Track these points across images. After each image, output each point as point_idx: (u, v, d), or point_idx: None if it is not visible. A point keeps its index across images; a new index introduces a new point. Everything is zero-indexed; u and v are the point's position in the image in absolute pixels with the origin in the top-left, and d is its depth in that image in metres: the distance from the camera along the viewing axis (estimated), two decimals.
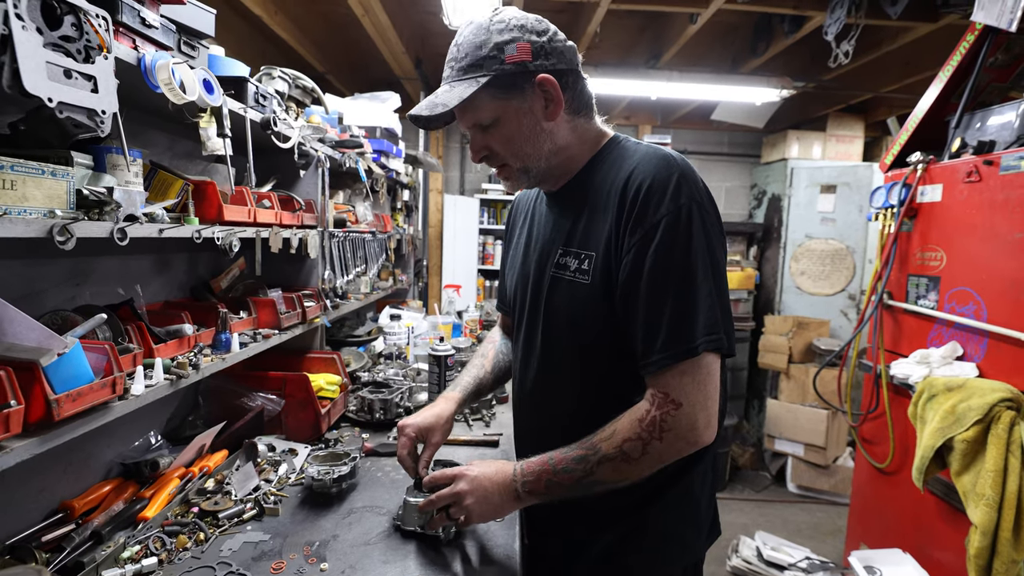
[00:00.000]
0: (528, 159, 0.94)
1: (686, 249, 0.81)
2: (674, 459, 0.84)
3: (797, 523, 3.38)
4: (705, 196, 0.85)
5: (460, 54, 0.89)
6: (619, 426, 0.85)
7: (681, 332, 0.80)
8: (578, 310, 0.92)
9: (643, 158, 0.88)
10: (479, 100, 0.89)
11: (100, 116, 0.81)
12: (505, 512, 0.93)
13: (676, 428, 0.81)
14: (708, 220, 0.84)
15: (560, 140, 0.94)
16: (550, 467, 0.87)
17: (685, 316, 0.81)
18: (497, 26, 0.87)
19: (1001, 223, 1.70)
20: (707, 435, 0.83)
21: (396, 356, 2.29)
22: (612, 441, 0.84)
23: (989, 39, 1.87)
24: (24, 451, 0.75)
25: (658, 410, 0.82)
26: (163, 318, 1.25)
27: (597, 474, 0.84)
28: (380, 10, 2.61)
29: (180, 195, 1.15)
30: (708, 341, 0.80)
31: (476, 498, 0.91)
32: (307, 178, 1.78)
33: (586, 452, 0.85)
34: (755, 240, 4.49)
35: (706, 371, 0.82)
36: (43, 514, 1.06)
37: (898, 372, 2.00)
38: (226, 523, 1.10)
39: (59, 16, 0.74)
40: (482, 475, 0.92)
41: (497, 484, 0.91)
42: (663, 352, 0.81)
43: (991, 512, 1.52)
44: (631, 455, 0.83)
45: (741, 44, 3.41)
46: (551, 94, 0.89)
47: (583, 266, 0.90)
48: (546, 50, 0.88)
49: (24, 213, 0.76)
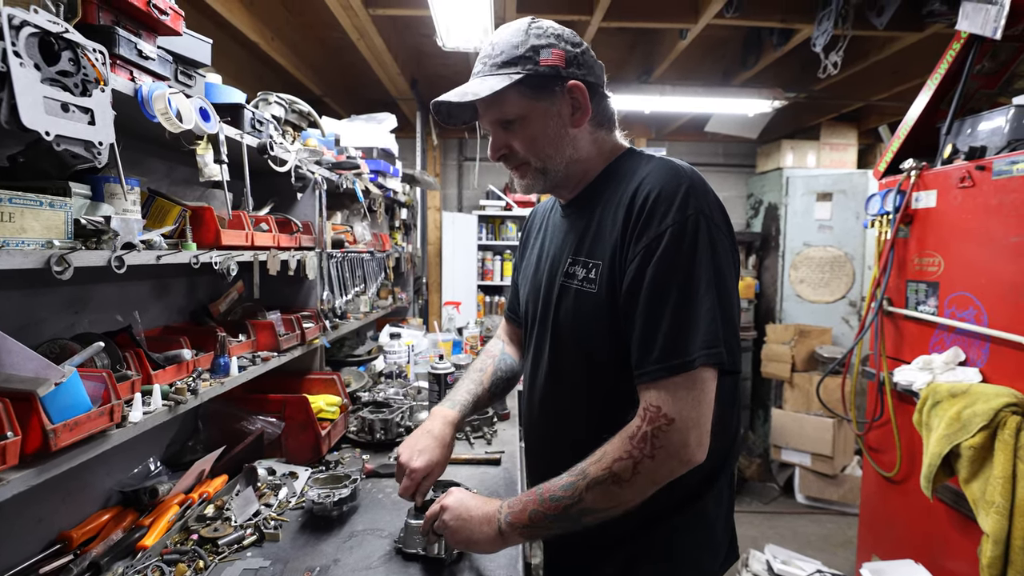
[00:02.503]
0: (549, 160, 0.95)
1: (690, 260, 0.80)
2: (666, 480, 0.81)
3: (807, 535, 3.33)
4: (715, 209, 0.84)
5: (495, 51, 0.91)
6: (608, 447, 0.82)
7: (678, 344, 0.79)
8: (584, 319, 0.91)
9: (653, 169, 0.89)
10: (508, 96, 0.90)
11: (97, 147, 0.82)
12: (484, 545, 0.89)
13: (668, 445, 0.78)
14: (716, 233, 0.82)
15: (581, 148, 0.96)
16: (536, 497, 0.84)
17: (683, 328, 0.79)
18: (535, 31, 0.90)
19: (996, 227, 1.71)
20: (699, 454, 0.80)
21: (396, 375, 2.28)
22: (601, 463, 0.81)
23: (975, 47, 1.90)
24: (21, 483, 0.74)
25: (649, 425, 0.79)
26: (162, 343, 1.25)
27: (586, 501, 0.80)
28: (375, 34, 2.66)
29: (178, 221, 1.16)
30: (706, 355, 0.78)
31: (454, 516, 0.90)
32: (304, 200, 1.80)
33: (574, 478, 0.82)
34: (753, 249, 4.50)
35: (701, 387, 0.79)
36: (41, 545, 1.05)
37: (901, 379, 1.99)
38: (226, 550, 1.08)
39: (56, 52, 0.75)
40: (467, 499, 0.93)
41: (480, 512, 0.89)
42: (657, 364, 0.79)
43: (1002, 520, 1.49)
44: (622, 476, 0.79)
45: (732, 57, 3.46)
46: (579, 101, 0.91)
47: (590, 275, 0.90)
48: (579, 61, 0.91)
49: (22, 244, 0.76)
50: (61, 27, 0.76)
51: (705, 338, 0.78)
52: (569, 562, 1.03)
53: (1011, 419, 1.53)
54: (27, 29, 0.70)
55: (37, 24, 0.72)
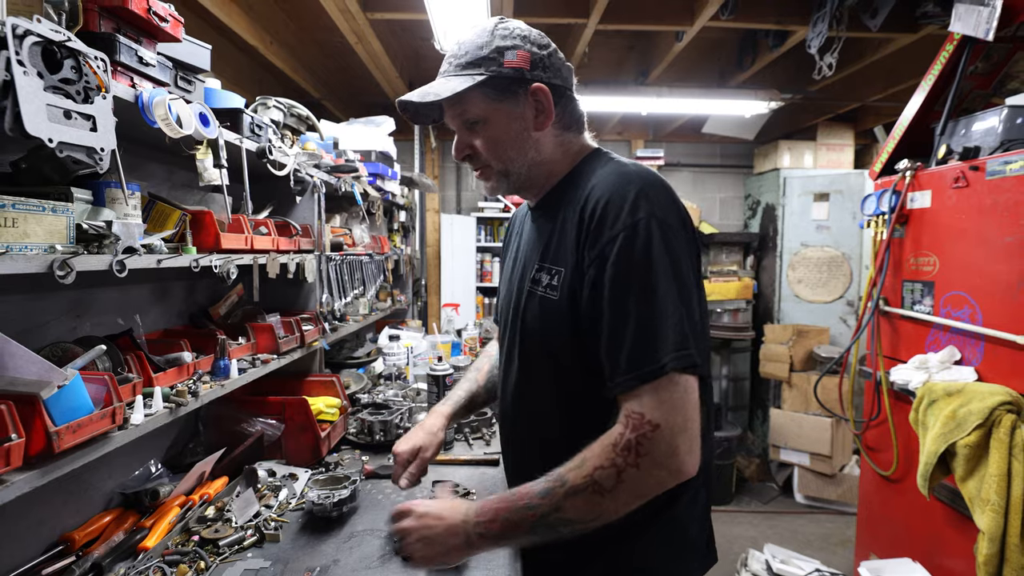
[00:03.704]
0: (510, 163, 0.94)
1: (645, 265, 0.77)
2: (655, 492, 0.76)
3: (806, 534, 3.34)
4: (670, 210, 0.82)
5: (460, 51, 0.91)
6: (589, 453, 0.77)
7: (646, 352, 0.75)
8: (548, 325, 0.90)
9: (605, 175, 0.87)
10: (471, 97, 0.90)
11: (99, 153, 0.83)
12: (453, 558, 0.82)
13: (654, 453, 0.73)
14: (671, 235, 0.79)
15: (545, 151, 0.95)
16: (509, 504, 0.78)
17: (649, 335, 0.75)
18: (501, 31, 0.90)
19: (990, 227, 1.72)
20: (689, 463, 0.76)
21: (396, 377, 2.29)
22: (582, 470, 0.76)
23: (968, 48, 1.92)
24: (24, 484, 0.76)
25: (633, 432, 0.74)
26: (162, 346, 1.26)
27: (565, 510, 0.75)
28: (373, 38, 2.68)
29: (178, 225, 1.17)
30: (677, 358, 0.74)
31: (419, 536, 0.81)
32: (303, 203, 1.81)
33: (552, 484, 0.77)
34: (751, 250, 4.51)
35: (683, 391, 0.75)
36: (43, 547, 1.06)
37: (898, 378, 2.00)
38: (227, 551, 1.09)
39: (59, 60, 0.77)
40: (430, 513, 0.83)
41: (445, 524, 0.81)
42: (627, 374, 0.76)
43: (998, 518, 1.50)
44: (604, 485, 0.74)
45: (728, 59, 3.48)
46: (543, 104, 0.91)
47: (553, 282, 0.89)
48: (544, 63, 0.91)
49: (25, 249, 0.77)
50: (63, 36, 0.77)
51: (673, 342, 0.75)
52: (541, 569, 1.01)
53: (1006, 417, 1.54)
54: (30, 38, 0.72)
55: (40, 33, 0.73)
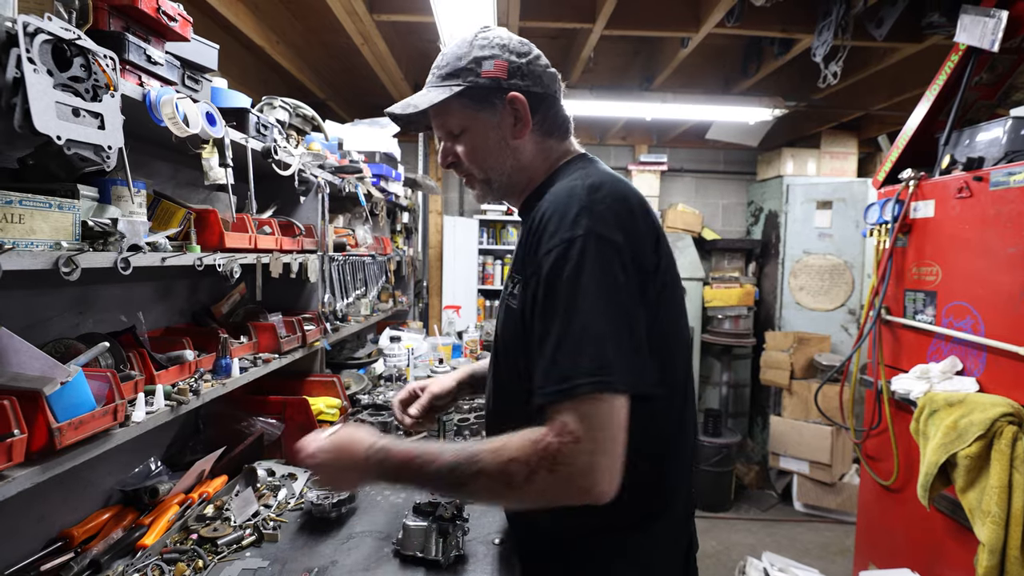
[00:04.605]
0: (491, 171, 0.96)
1: (572, 283, 0.75)
2: (560, 503, 0.74)
3: (805, 543, 3.33)
4: (615, 228, 0.78)
5: (442, 62, 0.94)
6: (510, 442, 0.76)
7: (562, 369, 0.73)
8: (509, 333, 0.91)
9: (561, 186, 0.86)
10: (451, 107, 0.92)
11: (106, 151, 0.83)
12: (349, 488, 0.91)
13: (572, 465, 0.71)
14: (608, 253, 0.76)
15: (524, 159, 0.95)
16: (417, 466, 0.80)
17: (566, 352, 0.74)
18: (480, 41, 0.92)
19: (994, 238, 1.72)
20: (605, 486, 0.72)
21: (396, 378, 2.29)
22: (498, 456, 0.75)
23: (973, 59, 1.92)
24: (26, 480, 0.76)
25: (556, 437, 0.72)
26: (164, 344, 1.27)
27: (469, 487, 0.77)
28: (379, 39, 2.69)
29: (182, 224, 1.18)
30: (591, 381, 0.71)
31: (322, 469, 0.88)
32: (307, 203, 1.82)
33: (463, 460, 0.77)
34: (753, 256, 4.51)
35: (606, 413, 0.72)
36: (42, 542, 1.06)
37: (899, 387, 1.99)
38: (225, 550, 1.09)
39: (69, 58, 0.77)
40: (326, 456, 0.88)
41: (345, 464, 0.86)
42: (547, 388, 0.75)
43: (998, 530, 1.50)
44: (514, 479, 0.73)
45: (733, 66, 3.48)
46: (520, 113, 0.91)
47: (515, 291, 0.89)
48: (523, 71, 0.91)
49: (31, 246, 0.78)
50: (73, 34, 0.78)
51: (590, 363, 0.72)
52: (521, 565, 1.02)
53: (1007, 429, 1.53)
54: (41, 36, 0.72)
55: (51, 31, 0.74)
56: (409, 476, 0.82)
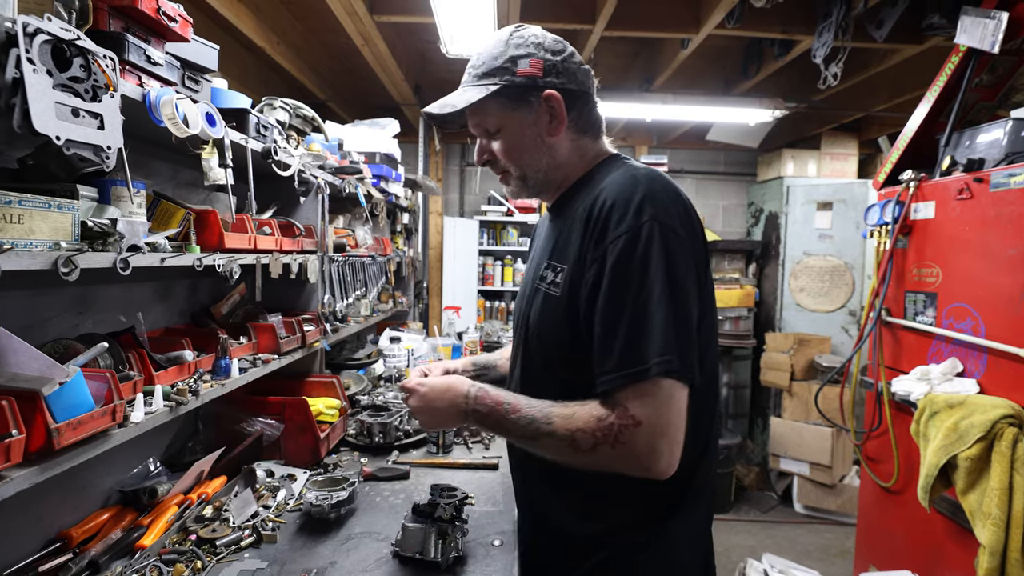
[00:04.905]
0: (526, 168, 0.97)
1: (643, 268, 0.79)
2: (620, 472, 0.80)
3: (805, 545, 3.32)
4: (676, 217, 0.83)
5: (478, 62, 0.95)
6: (580, 411, 0.81)
7: (633, 352, 0.77)
8: (547, 321, 0.93)
9: (615, 177, 0.89)
10: (487, 106, 0.93)
11: (106, 152, 0.83)
12: (450, 426, 0.97)
13: (632, 444, 0.77)
14: (673, 241, 0.81)
15: (560, 156, 0.97)
16: (503, 411, 0.87)
17: (638, 336, 0.78)
18: (515, 40, 0.93)
19: (994, 239, 1.72)
20: (664, 465, 0.78)
21: (396, 379, 2.29)
22: (568, 423, 0.81)
23: (973, 60, 1.92)
24: (24, 480, 0.76)
25: (618, 419, 0.78)
26: (164, 344, 1.27)
27: (540, 442, 0.84)
28: (379, 40, 2.69)
29: (182, 224, 1.18)
30: (660, 363, 0.76)
31: (422, 409, 0.94)
32: (307, 204, 1.82)
33: (540, 417, 0.84)
34: (753, 257, 4.51)
35: (667, 396, 0.77)
36: (40, 543, 1.06)
37: (899, 389, 1.99)
38: (223, 551, 1.09)
39: (68, 58, 0.77)
40: (433, 392, 0.94)
41: (447, 401, 0.93)
42: (615, 372, 0.79)
43: (998, 532, 1.49)
44: (579, 446, 0.80)
45: (733, 67, 3.48)
46: (555, 111, 0.93)
47: (556, 279, 0.91)
48: (558, 69, 0.93)
49: (30, 246, 0.78)
50: (73, 34, 0.78)
51: (660, 346, 0.76)
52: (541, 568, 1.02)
53: (1008, 431, 1.53)
54: (40, 36, 0.72)
55: (50, 32, 0.74)
56: (496, 419, 0.88)
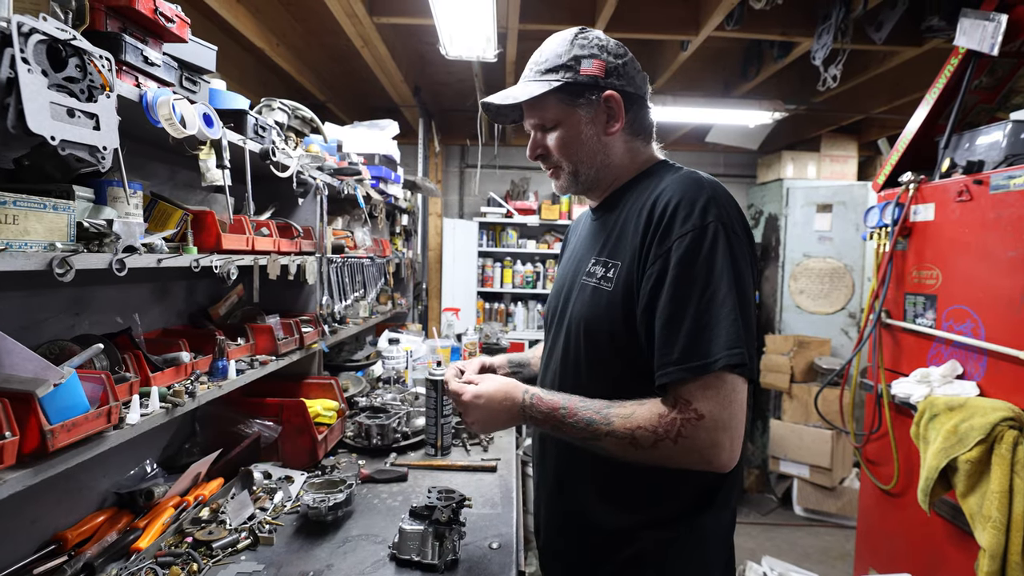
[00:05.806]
0: (580, 164, 1.00)
1: (709, 265, 0.81)
2: (681, 467, 0.82)
3: (805, 547, 3.31)
4: (736, 220, 0.86)
5: (541, 58, 0.97)
6: (639, 410, 0.83)
7: (699, 345, 0.79)
8: (596, 315, 0.94)
9: (676, 179, 0.92)
10: (547, 102, 0.96)
11: (101, 152, 0.83)
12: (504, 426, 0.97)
13: (694, 439, 0.79)
14: (736, 243, 0.84)
15: (613, 156, 1.00)
16: (560, 416, 0.88)
17: (705, 330, 0.79)
18: (580, 42, 0.96)
19: (994, 241, 1.71)
20: (726, 458, 0.80)
21: (394, 380, 2.29)
22: (627, 422, 0.83)
23: (973, 62, 1.92)
24: (17, 483, 0.75)
25: (680, 414, 0.79)
26: (161, 346, 1.26)
27: (602, 442, 0.85)
28: (379, 42, 2.69)
29: (179, 225, 1.17)
30: (729, 356, 0.77)
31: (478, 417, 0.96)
32: (306, 205, 1.81)
33: (599, 419, 0.85)
34: None
35: (731, 390, 0.79)
36: (35, 546, 1.05)
37: (899, 391, 1.98)
38: (220, 553, 1.08)
39: (64, 58, 0.77)
40: (490, 400, 0.95)
41: (504, 408, 0.94)
42: (680, 364, 0.80)
43: (999, 535, 1.49)
44: (641, 443, 0.81)
45: (732, 69, 3.49)
46: (614, 111, 0.96)
47: (608, 274, 0.93)
48: (619, 72, 0.95)
49: (25, 247, 0.77)
50: (69, 34, 0.77)
51: (726, 341, 0.78)
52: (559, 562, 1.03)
53: (1008, 433, 1.53)
54: (35, 36, 0.72)
55: (46, 32, 0.74)
56: (553, 423, 0.89)
